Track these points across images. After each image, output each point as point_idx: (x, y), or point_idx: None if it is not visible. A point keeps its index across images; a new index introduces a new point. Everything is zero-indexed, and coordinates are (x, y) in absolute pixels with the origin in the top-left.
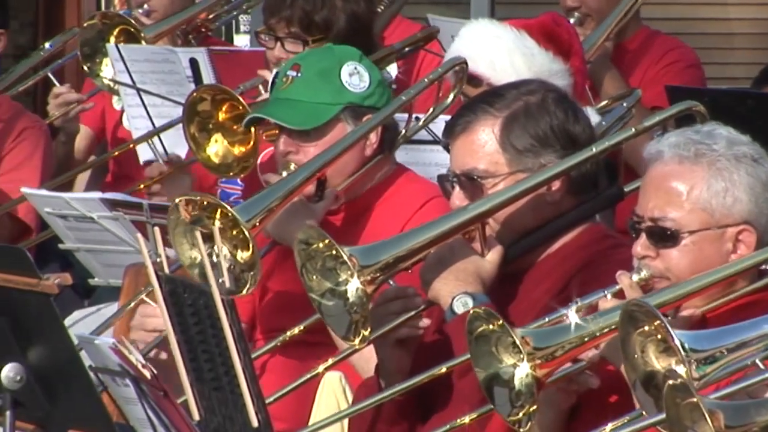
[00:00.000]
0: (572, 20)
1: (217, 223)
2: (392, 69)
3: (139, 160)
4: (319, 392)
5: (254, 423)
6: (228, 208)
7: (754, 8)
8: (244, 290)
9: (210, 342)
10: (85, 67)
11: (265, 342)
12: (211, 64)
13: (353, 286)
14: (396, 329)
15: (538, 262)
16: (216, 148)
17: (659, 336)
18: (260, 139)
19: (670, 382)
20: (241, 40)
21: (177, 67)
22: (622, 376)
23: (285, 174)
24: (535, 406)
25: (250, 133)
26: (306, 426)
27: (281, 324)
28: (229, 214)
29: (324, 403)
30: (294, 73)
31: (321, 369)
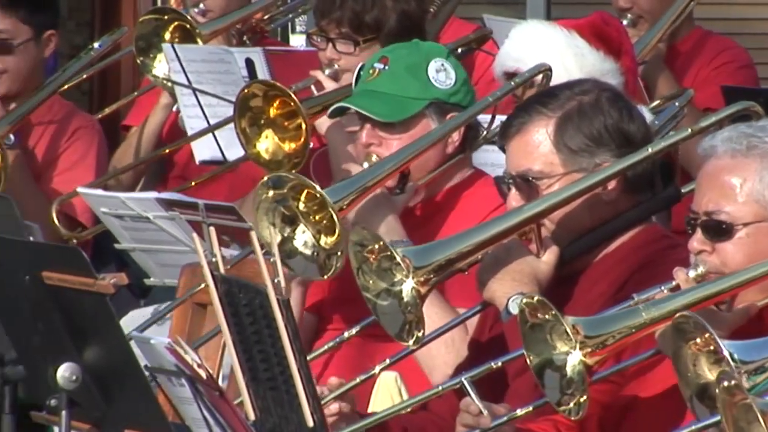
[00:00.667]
0: (625, 21)
1: (302, 205)
2: None
3: (195, 160)
4: (374, 392)
5: (310, 423)
6: (317, 188)
7: None
8: (328, 274)
9: (266, 342)
10: (138, 61)
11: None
12: (267, 64)
13: (408, 287)
14: None
15: (594, 263)
16: (266, 144)
17: (711, 347)
18: (311, 136)
19: (724, 384)
20: (297, 41)
21: (233, 67)
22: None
23: (366, 165)
24: (585, 396)
25: (301, 130)
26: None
27: (346, 312)
28: (318, 194)
29: (379, 404)
30: (381, 66)
31: (377, 370)
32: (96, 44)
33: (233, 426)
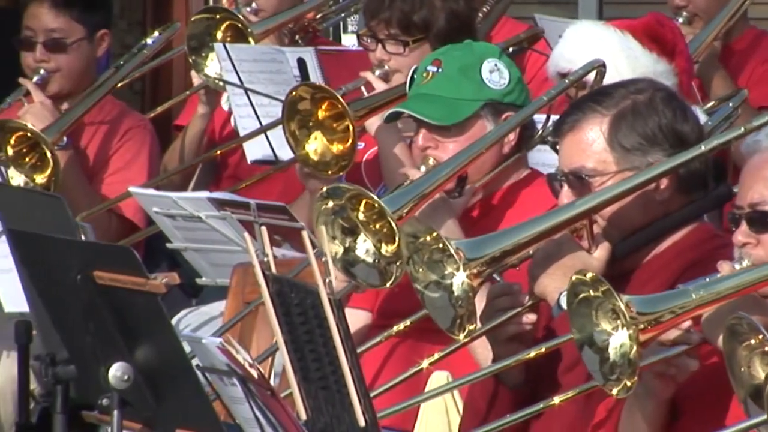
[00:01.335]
0: (680, 19)
1: (361, 215)
2: None
3: (247, 160)
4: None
5: (361, 422)
6: (375, 198)
7: None
8: (389, 283)
9: (317, 341)
10: (190, 60)
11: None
12: (319, 64)
13: (459, 279)
14: (503, 326)
15: (645, 263)
16: (315, 146)
17: (765, 348)
18: (358, 138)
19: None
20: (349, 40)
21: (284, 66)
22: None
23: (423, 168)
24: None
25: (349, 131)
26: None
27: (397, 307)
28: (376, 205)
29: (431, 404)
30: (434, 69)
31: (425, 364)
32: (148, 40)
33: (285, 425)
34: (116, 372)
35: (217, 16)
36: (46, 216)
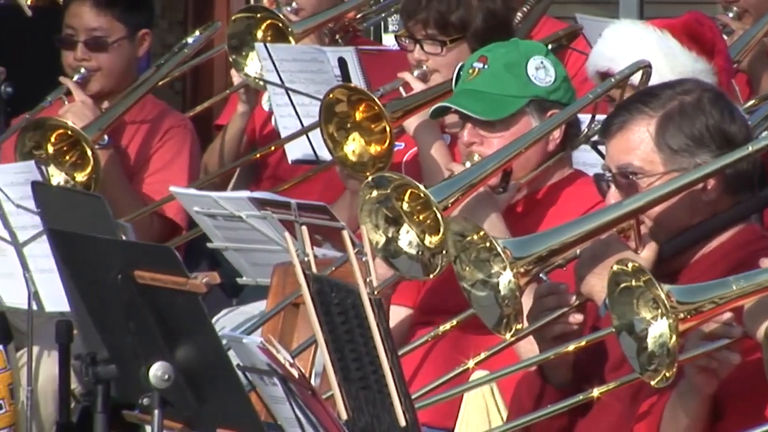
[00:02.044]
0: (730, 15)
1: (405, 205)
2: None
3: (288, 160)
4: (467, 392)
5: (402, 422)
6: (421, 187)
7: None
8: (433, 274)
9: (357, 341)
10: (231, 59)
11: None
12: (360, 64)
13: (506, 278)
14: (550, 325)
15: (692, 263)
16: (353, 147)
17: None
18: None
19: None
20: (390, 40)
21: (325, 66)
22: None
23: (468, 164)
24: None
25: (386, 133)
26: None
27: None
28: (422, 194)
29: (472, 404)
30: (481, 65)
31: (471, 364)
32: (189, 39)
33: (326, 425)
34: (157, 371)
35: (258, 16)
36: (87, 215)
